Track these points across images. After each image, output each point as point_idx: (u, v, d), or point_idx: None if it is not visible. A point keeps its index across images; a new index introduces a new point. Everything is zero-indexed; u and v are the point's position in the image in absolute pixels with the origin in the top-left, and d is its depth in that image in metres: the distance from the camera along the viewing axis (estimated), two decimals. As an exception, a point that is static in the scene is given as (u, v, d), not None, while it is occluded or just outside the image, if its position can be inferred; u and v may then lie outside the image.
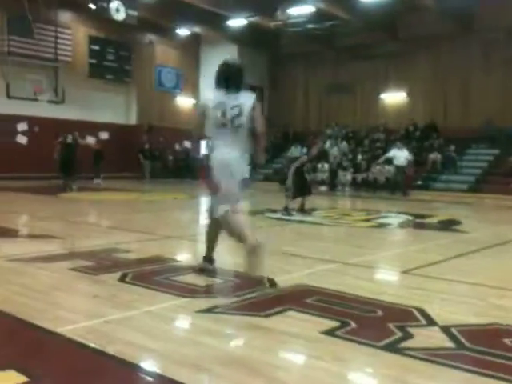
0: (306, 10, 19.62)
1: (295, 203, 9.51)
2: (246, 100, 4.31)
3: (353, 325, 3.12)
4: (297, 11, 19.90)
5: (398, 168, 16.56)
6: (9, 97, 15.88)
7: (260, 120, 4.25)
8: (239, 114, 4.16)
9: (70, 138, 14.20)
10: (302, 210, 9.54)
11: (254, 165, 4.45)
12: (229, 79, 4.49)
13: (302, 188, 9.40)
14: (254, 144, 4.27)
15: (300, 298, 3.67)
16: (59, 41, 18.41)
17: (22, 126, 18.49)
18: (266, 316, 3.25)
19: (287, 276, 4.39)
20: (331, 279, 4.30)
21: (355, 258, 5.37)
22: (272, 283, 4.08)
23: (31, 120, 18.65)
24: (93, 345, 2.69)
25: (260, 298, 3.69)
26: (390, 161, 17.04)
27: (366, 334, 2.96)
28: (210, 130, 4.22)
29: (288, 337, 2.92)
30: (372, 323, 3.22)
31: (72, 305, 3.49)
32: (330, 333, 2.97)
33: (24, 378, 2.29)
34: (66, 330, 2.89)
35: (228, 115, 4.15)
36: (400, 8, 19.37)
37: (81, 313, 3.28)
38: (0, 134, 17.67)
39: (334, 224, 8.59)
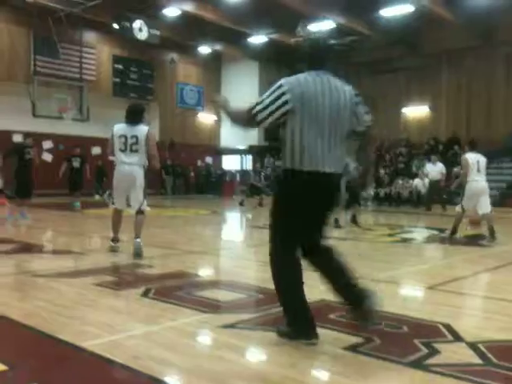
0: (327, 25, 19.71)
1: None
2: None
3: (377, 341, 3.07)
4: (317, 27, 19.99)
5: (432, 183, 15.92)
6: (35, 115, 16.22)
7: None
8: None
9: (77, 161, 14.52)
10: (354, 221, 9.92)
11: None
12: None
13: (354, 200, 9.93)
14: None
15: (323, 314, 3.64)
16: (84, 60, 18.81)
17: (48, 144, 18.85)
18: (289, 331, 3.22)
19: (309, 291, 4.33)
20: (355, 294, 4.25)
21: (379, 273, 5.31)
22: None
23: (56, 138, 19.02)
24: (117, 359, 2.70)
25: (282, 314, 3.66)
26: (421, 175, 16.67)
27: (390, 350, 2.92)
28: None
29: (311, 352, 2.89)
30: (397, 339, 3.17)
31: (96, 319, 3.51)
32: (354, 349, 2.93)
33: (49, 392, 2.31)
34: (90, 344, 2.91)
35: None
36: (421, 22, 19.33)
37: (105, 327, 3.30)
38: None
39: (356, 239, 8.52)
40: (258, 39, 22.11)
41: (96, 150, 19.88)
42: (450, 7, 17.81)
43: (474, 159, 8.33)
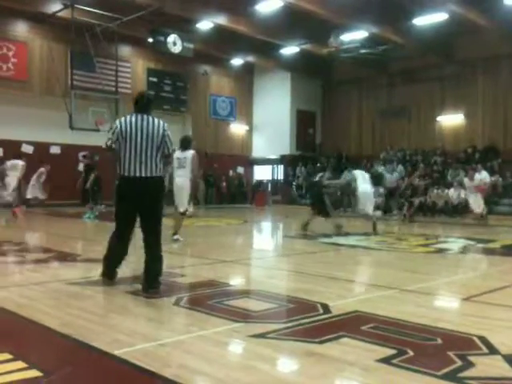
0: (359, 35, 19.64)
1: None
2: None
3: (410, 353, 3.02)
4: (349, 37, 19.96)
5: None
6: (72, 128, 16.64)
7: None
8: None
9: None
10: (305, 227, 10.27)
11: None
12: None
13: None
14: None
15: (355, 325, 3.60)
16: (119, 74, 19.20)
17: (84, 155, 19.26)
18: (320, 342, 3.20)
19: (341, 302, 4.31)
20: (387, 306, 4.19)
21: (413, 284, 5.22)
22: (326, 309, 4.02)
23: (92, 149, 19.42)
24: (149, 368, 2.72)
25: (314, 324, 3.64)
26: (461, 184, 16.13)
27: (424, 362, 2.86)
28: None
29: (343, 364, 2.86)
30: (431, 351, 3.11)
31: (129, 327, 3.56)
32: (387, 361, 2.89)
33: (82, 399, 2.35)
34: (122, 352, 2.95)
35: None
36: (455, 30, 19.06)
37: (137, 336, 3.34)
38: (63, 163, 18.53)
39: (389, 249, 8.40)
40: (289, 50, 22.20)
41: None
42: (485, 13, 17.50)
43: None
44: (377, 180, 12.55)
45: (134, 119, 4.72)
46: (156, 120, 4.80)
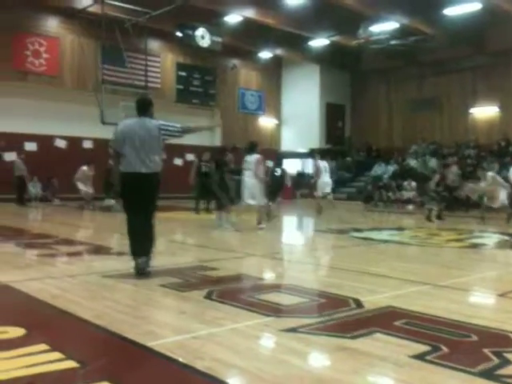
0: (389, 26, 19.33)
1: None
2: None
3: (444, 349, 2.97)
4: (379, 28, 19.66)
5: None
6: (103, 123, 16.85)
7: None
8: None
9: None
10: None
11: None
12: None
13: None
14: None
15: (388, 321, 3.56)
16: (149, 68, 19.36)
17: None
18: (353, 337, 3.18)
19: (374, 297, 4.28)
20: (421, 301, 4.14)
21: (446, 279, 5.14)
22: (358, 304, 3.99)
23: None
24: (182, 360, 2.75)
25: (346, 319, 3.62)
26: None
27: (458, 359, 2.81)
28: None
29: (375, 360, 2.83)
30: (465, 348, 3.06)
31: (161, 320, 3.61)
32: (420, 357, 2.85)
33: (118, 390, 2.39)
34: (156, 344, 2.99)
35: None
36: (487, 20, 18.57)
37: (170, 328, 3.38)
38: (96, 157, 18.83)
39: (422, 244, 8.28)
40: (318, 42, 22.00)
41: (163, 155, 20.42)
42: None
43: None
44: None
45: (132, 122, 5.32)
46: (152, 121, 5.32)
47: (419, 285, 4.87)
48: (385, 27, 19.46)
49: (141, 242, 5.29)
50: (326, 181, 13.16)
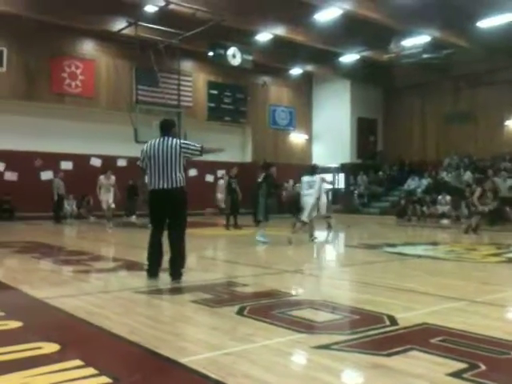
0: (421, 40, 19.19)
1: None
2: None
3: (483, 367, 2.88)
4: (411, 42, 19.54)
5: None
6: (137, 141, 17.17)
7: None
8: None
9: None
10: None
11: None
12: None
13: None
14: None
15: (423, 338, 3.48)
16: (181, 88, 19.67)
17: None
18: (388, 355, 3.11)
19: (408, 314, 4.19)
20: (458, 318, 4.03)
21: (484, 295, 5.00)
22: (392, 321, 3.91)
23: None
24: (214, 376, 2.74)
25: (380, 336, 3.55)
26: None
27: (498, 377, 2.72)
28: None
29: (411, 378, 2.76)
30: (505, 366, 2.96)
31: (194, 336, 3.61)
32: (458, 375, 2.77)
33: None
34: (189, 360, 2.99)
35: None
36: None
37: (202, 344, 3.38)
38: (130, 175, 19.15)
39: (458, 259, 8.09)
40: (349, 58, 21.99)
41: (192, 172, 20.64)
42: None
43: None
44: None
45: (156, 142, 5.69)
46: (173, 140, 5.68)
47: (455, 301, 4.75)
48: (416, 41, 19.32)
49: (155, 263, 5.69)
50: (324, 201, 12.50)
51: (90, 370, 2.80)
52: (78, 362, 2.92)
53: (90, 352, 3.22)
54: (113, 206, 15.16)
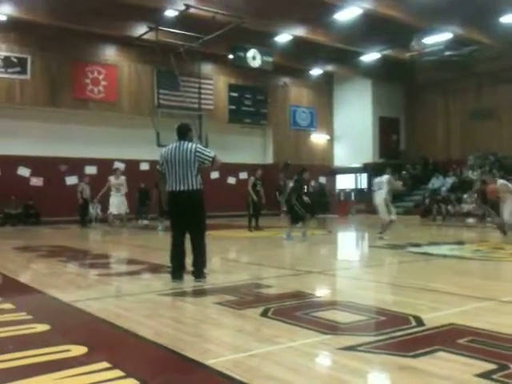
0: (443, 37, 18.97)
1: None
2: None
3: (513, 368, 2.83)
4: (432, 40, 19.33)
5: None
6: (159, 145, 17.31)
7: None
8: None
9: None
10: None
11: None
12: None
13: None
14: None
15: (450, 338, 3.43)
16: (202, 91, 19.78)
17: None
18: (414, 356, 3.07)
19: (435, 314, 4.13)
20: (485, 318, 3.96)
21: (509, 295, 4.90)
22: (419, 321, 3.87)
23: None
24: (239, 378, 2.75)
25: (407, 337, 3.51)
26: None
27: (529, 379, 2.66)
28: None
29: (439, 379, 2.73)
30: (536, 368, 2.89)
31: (219, 338, 3.62)
32: (487, 376, 2.72)
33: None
34: (214, 362, 3.00)
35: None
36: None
37: (227, 346, 3.38)
38: (152, 178, 19.31)
39: (484, 258, 7.96)
40: (370, 57, 21.86)
41: (214, 175, 20.70)
42: None
43: None
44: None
45: (173, 147, 5.89)
46: (189, 145, 5.86)
47: (482, 301, 4.67)
48: (438, 38, 19.12)
49: (178, 265, 5.81)
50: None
51: (117, 372, 2.83)
52: (105, 364, 2.95)
53: (117, 354, 3.25)
54: (123, 211, 14.70)
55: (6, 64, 18.40)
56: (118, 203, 14.46)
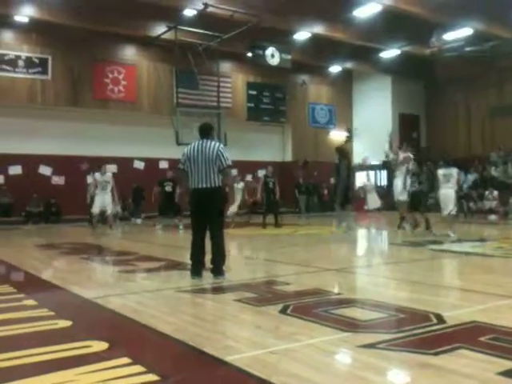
0: (463, 33, 18.72)
1: None
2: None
3: (537, 367, 2.78)
4: (453, 35, 19.08)
5: None
6: (178, 144, 17.41)
7: None
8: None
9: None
10: None
11: None
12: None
13: None
14: None
15: (472, 336, 3.39)
16: (221, 89, 19.80)
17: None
18: (435, 354, 3.04)
19: (456, 312, 4.09)
20: (508, 316, 3.91)
21: (535, 293, 4.82)
22: (440, 319, 3.83)
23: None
24: (259, 374, 2.75)
25: (427, 335, 3.47)
26: None
27: (554, 378, 2.62)
28: None
29: (460, 377, 2.69)
30: (561, 366, 2.84)
31: (238, 334, 3.63)
32: (509, 374, 2.68)
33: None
34: (233, 358, 3.01)
35: None
36: None
37: (246, 342, 3.39)
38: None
39: (507, 256, 7.83)
40: (389, 53, 21.67)
41: (232, 172, 20.72)
42: None
43: None
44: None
45: (196, 145, 5.97)
46: (213, 143, 5.95)
47: (505, 298, 4.60)
48: (459, 34, 18.87)
49: (197, 262, 5.88)
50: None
51: (138, 368, 2.85)
52: (126, 360, 2.98)
53: (138, 350, 3.28)
54: (109, 211, 13.30)
55: (28, 64, 18.67)
56: (102, 201, 13.15)
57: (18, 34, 18.62)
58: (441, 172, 10.59)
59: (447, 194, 10.36)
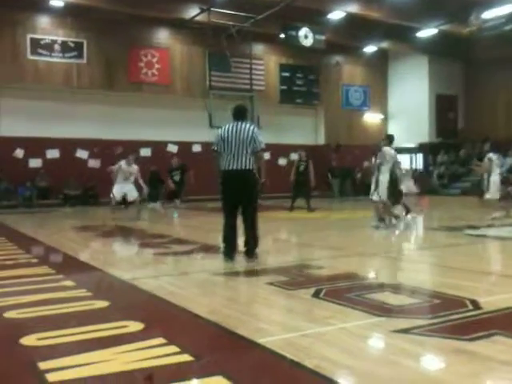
0: (504, 10, 18.06)
1: None
2: None
3: None
4: (493, 13, 18.44)
5: None
6: (211, 126, 17.45)
7: None
8: None
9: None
10: None
11: None
12: None
13: None
14: None
15: (509, 323, 3.34)
16: (253, 72, 19.71)
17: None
18: (470, 340, 3.00)
19: (492, 298, 4.01)
20: (546, 303, 3.82)
21: None
22: (475, 305, 3.77)
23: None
24: (292, 357, 2.77)
25: (462, 321, 3.43)
26: None
27: None
28: None
29: (496, 364, 2.66)
30: None
31: (270, 317, 3.66)
32: (548, 362, 2.63)
33: (231, 385, 2.45)
34: (266, 341, 3.04)
35: None
36: None
37: (279, 325, 3.42)
38: (204, 160, 19.56)
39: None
40: (426, 32, 21.10)
41: (265, 156, 20.70)
42: None
43: None
44: None
45: (230, 127, 5.94)
46: (247, 125, 5.94)
47: (545, 286, 4.50)
48: (499, 12, 18.22)
49: (230, 245, 5.89)
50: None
51: (173, 348, 2.91)
52: (161, 340, 3.05)
53: (173, 331, 3.35)
54: (131, 198, 12.76)
55: (64, 49, 18.94)
56: (121, 190, 12.62)
57: (54, 19, 18.88)
58: (494, 157, 11.26)
59: (496, 178, 11.08)
